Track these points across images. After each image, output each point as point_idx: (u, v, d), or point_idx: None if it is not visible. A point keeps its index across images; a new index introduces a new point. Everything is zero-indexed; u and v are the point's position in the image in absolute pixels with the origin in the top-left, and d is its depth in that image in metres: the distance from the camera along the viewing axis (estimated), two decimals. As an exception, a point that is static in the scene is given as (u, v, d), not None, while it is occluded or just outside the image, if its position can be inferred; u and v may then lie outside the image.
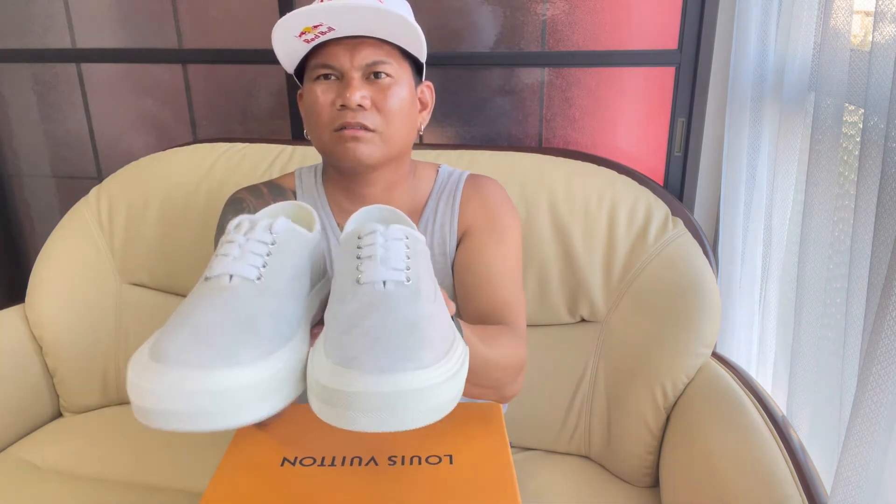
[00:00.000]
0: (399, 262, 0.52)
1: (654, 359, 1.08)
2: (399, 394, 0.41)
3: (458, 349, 0.48)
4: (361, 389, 0.41)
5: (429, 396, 0.42)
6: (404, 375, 0.41)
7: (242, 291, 0.49)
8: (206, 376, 0.41)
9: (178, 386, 0.41)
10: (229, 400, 0.42)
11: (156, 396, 0.41)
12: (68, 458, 1.18)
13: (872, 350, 0.65)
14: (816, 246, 0.91)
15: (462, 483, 0.64)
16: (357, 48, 0.81)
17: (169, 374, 0.41)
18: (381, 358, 0.42)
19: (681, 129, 1.28)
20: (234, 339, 0.45)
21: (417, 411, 0.42)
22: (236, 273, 0.50)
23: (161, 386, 0.41)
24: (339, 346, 0.45)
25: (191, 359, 0.42)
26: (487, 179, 0.95)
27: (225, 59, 1.44)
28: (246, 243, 0.53)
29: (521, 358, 0.77)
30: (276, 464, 0.67)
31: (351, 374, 0.42)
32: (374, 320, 0.46)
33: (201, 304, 0.48)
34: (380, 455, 0.68)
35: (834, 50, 0.86)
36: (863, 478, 0.67)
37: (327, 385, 0.42)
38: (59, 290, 1.30)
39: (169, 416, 0.41)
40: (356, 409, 0.41)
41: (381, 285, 0.49)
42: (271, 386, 0.45)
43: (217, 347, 0.43)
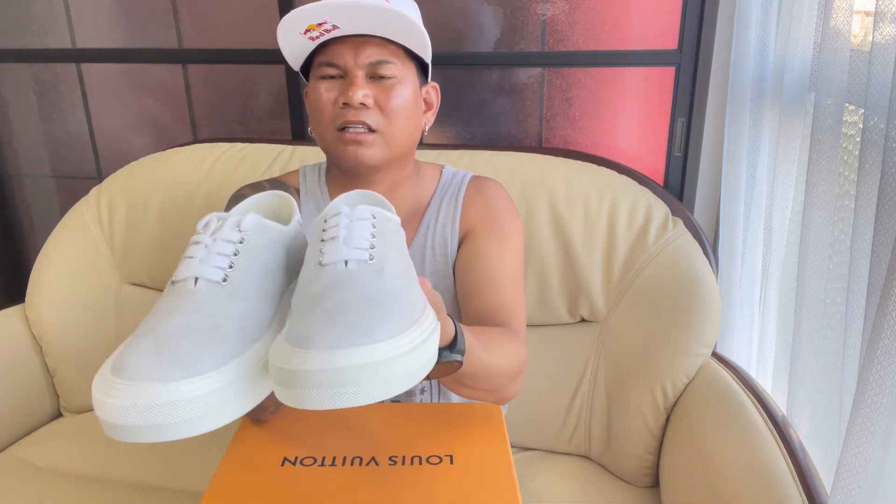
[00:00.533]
0: (363, 241, 0.51)
1: (654, 359, 1.08)
2: (348, 369, 0.40)
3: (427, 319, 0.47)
4: (308, 367, 0.40)
5: (382, 370, 0.41)
6: (355, 350, 0.41)
7: (207, 296, 0.48)
8: (163, 389, 0.41)
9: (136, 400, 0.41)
10: (187, 411, 0.41)
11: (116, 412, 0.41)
12: (68, 458, 1.18)
13: (872, 350, 0.65)
14: (816, 246, 0.91)
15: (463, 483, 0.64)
16: (361, 47, 0.81)
17: (127, 389, 0.41)
18: (334, 335, 0.42)
19: (681, 129, 1.28)
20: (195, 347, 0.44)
21: (371, 386, 0.41)
22: (201, 276, 0.49)
23: (120, 401, 0.41)
24: (298, 326, 0.44)
25: (150, 372, 0.42)
26: (490, 181, 0.95)
27: (225, 59, 1.44)
28: (212, 244, 0.51)
29: (521, 360, 0.77)
30: (276, 463, 0.67)
31: (302, 353, 0.41)
32: (334, 298, 0.45)
33: (166, 312, 0.47)
34: (380, 455, 0.68)
35: (834, 50, 0.86)
36: (863, 478, 0.67)
37: (280, 366, 0.42)
38: (59, 289, 1.30)
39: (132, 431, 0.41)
40: (307, 386, 0.40)
41: (343, 265, 0.48)
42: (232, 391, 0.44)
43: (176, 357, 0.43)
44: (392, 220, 0.56)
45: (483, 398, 0.73)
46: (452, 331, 0.59)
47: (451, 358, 0.59)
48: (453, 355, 0.59)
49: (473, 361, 0.64)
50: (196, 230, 0.54)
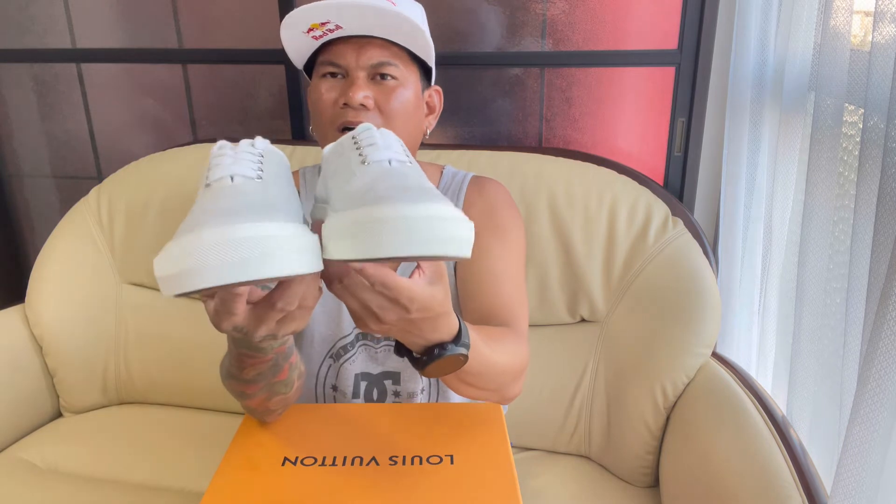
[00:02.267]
0: (399, 152, 0.52)
1: (654, 359, 1.08)
2: (431, 219, 0.43)
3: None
4: (398, 214, 0.42)
5: (456, 227, 0.44)
6: (434, 205, 0.43)
7: (249, 187, 0.49)
8: (251, 226, 0.42)
9: (225, 235, 0.41)
10: (273, 244, 0.42)
11: (198, 251, 0.41)
12: (68, 458, 1.18)
13: (872, 350, 0.66)
14: (816, 246, 0.91)
15: (463, 483, 0.64)
16: (364, 48, 0.81)
17: (210, 232, 0.41)
18: (411, 196, 0.44)
19: (681, 129, 1.28)
20: (261, 210, 0.45)
21: (446, 238, 0.44)
22: (237, 173, 0.50)
23: (203, 241, 0.41)
24: (360, 199, 0.45)
25: (228, 220, 0.42)
26: (491, 181, 0.95)
27: (225, 59, 1.44)
28: (236, 154, 0.53)
29: (523, 360, 0.76)
30: (276, 463, 0.67)
31: (384, 206, 0.43)
32: (390, 181, 0.47)
33: (214, 201, 0.47)
34: (381, 455, 0.68)
35: (834, 50, 0.86)
36: (863, 478, 0.67)
37: (359, 219, 0.43)
38: (59, 290, 1.30)
39: (214, 270, 0.41)
40: (392, 233, 0.42)
41: (388, 163, 0.50)
42: (304, 242, 0.45)
43: (248, 214, 0.43)
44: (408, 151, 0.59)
45: (485, 398, 0.73)
46: (456, 324, 0.59)
47: (457, 351, 0.58)
48: (458, 349, 0.58)
49: (477, 357, 0.64)
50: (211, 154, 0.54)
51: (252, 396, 0.67)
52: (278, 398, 0.69)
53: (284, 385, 0.68)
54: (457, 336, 0.59)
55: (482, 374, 0.67)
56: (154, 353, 1.32)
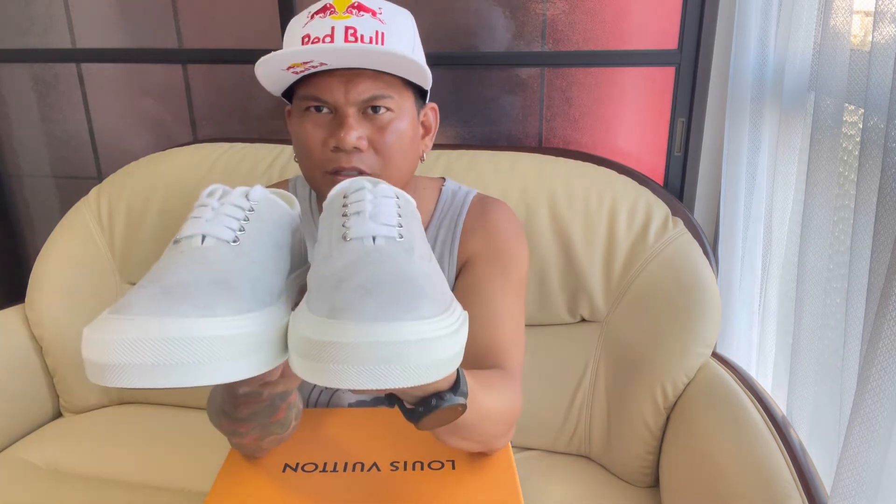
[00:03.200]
0: (390, 218, 0.46)
1: (654, 359, 1.08)
2: (398, 344, 0.35)
3: (458, 309, 0.43)
4: (354, 340, 0.35)
5: (432, 349, 0.37)
6: (404, 325, 0.36)
7: (216, 252, 0.44)
8: (175, 323, 0.36)
9: (145, 333, 0.35)
10: (206, 350, 0.36)
11: (118, 347, 0.35)
12: (68, 458, 1.18)
13: (872, 350, 0.65)
14: (816, 246, 0.91)
15: (465, 488, 0.64)
16: (353, 81, 0.72)
17: (131, 323, 0.36)
18: (375, 307, 0.37)
19: (681, 129, 1.28)
20: (209, 294, 0.40)
21: (418, 365, 0.36)
22: (210, 234, 0.45)
23: (123, 335, 0.35)
24: (326, 300, 0.39)
25: (161, 308, 0.37)
26: (495, 203, 0.87)
27: (225, 59, 1.44)
28: (220, 207, 0.47)
29: (517, 407, 0.70)
30: (277, 469, 0.67)
31: (342, 324, 0.36)
32: (366, 273, 0.41)
33: (171, 266, 0.42)
34: (382, 461, 0.68)
35: (834, 50, 0.86)
36: (863, 478, 0.67)
37: (313, 337, 0.37)
38: (59, 290, 1.30)
39: (134, 370, 0.35)
40: (347, 362, 0.36)
41: (371, 241, 0.44)
42: (249, 343, 0.39)
43: (188, 300, 0.38)
44: (412, 204, 0.52)
45: (473, 449, 0.67)
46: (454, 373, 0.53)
47: (455, 401, 0.52)
48: (457, 398, 0.52)
49: (474, 407, 0.57)
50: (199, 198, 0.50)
51: (244, 435, 0.63)
52: (272, 438, 0.64)
53: (280, 425, 0.63)
54: (455, 384, 0.53)
55: (476, 426, 0.61)
56: (154, 353, 1.31)
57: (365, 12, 0.72)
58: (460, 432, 0.61)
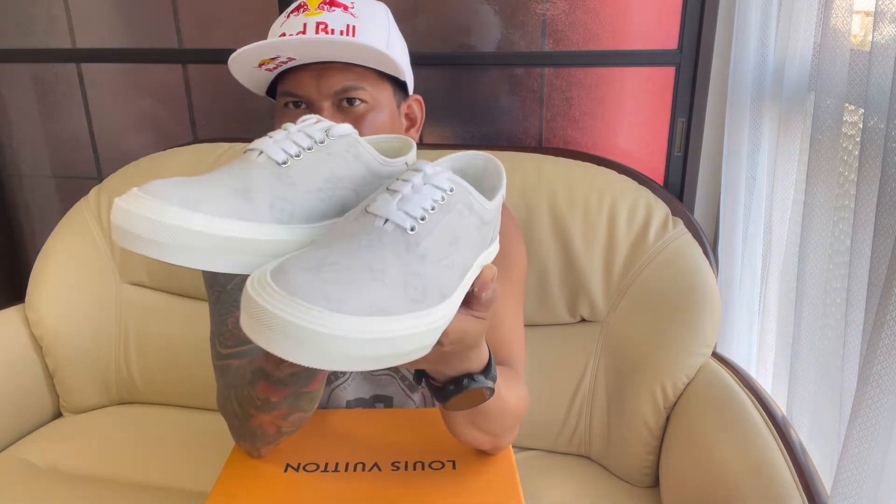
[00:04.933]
0: (416, 208, 0.47)
1: (654, 359, 1.08)
2: (292, 325, 0.38)
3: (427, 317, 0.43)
4: (263, 302, 0.38)
5: (348, 346, 0.38)
6: (321, 314, 0.38)
7: (260, 168, 0.48)
8: (161, 208, 0.42)
9: (135, 209, 0.42)
10: (177, 238, 0.42)
11: (121, 214, 0.43)
12: (68, 458, 1.18)
13: (872, 350, 0.66)
14: (816, 246, 0.91)
15: (466, 488, 0.64)
16: (324, 74, 0.72)
17: (135, 199, 0.43)
18: (304, 283, 0.39)
19: (681, 129, 1.28)
20: (212, 194, 0.44)
21: (333, 357, 0.38)
22: (265, 151, 0.49)
23: (123, 205, 0.43)
24: (295, 256, 0.43)
25: (161, 193, 0.43)
26: None
27: (225, 60, 1.44)
28: (294, 133, 0.51)
29: (526, 404, 0.71)
30: (279, 470, 0.67)
31: (269, 286, 0.39)
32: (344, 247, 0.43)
33: (222, 169, 0.48)
34: (383, 461, 0.68)
35: (834, 50, 0.86)
36: (863, 478, 0.67)
37: (247, 287, 0.40)
38: (59, 290, 1.30)
39: (128, 237, 0.43)
40: (265, 325, 0.38)
41: (382, 222, 0.45)
42: (226, 245, 0.44)
43: (188, 191, 0.44)
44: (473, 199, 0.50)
45: (482, 444, 0.68)
46: (486, 355, 0.55)
47: (486, 384, 0.54)
48: (487, 381, 0.54)
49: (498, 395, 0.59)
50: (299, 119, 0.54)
51: (275, 406, 0.63)
52: (297, 416, 0.65)
53: (310, 399, 0.64)
54: (487, 367, 0.55)
55: (494, 416, 0.63)
56: (154, 353, 1.32)
57: (336, 7, 0.73)
58: (479, 422, 0.62)
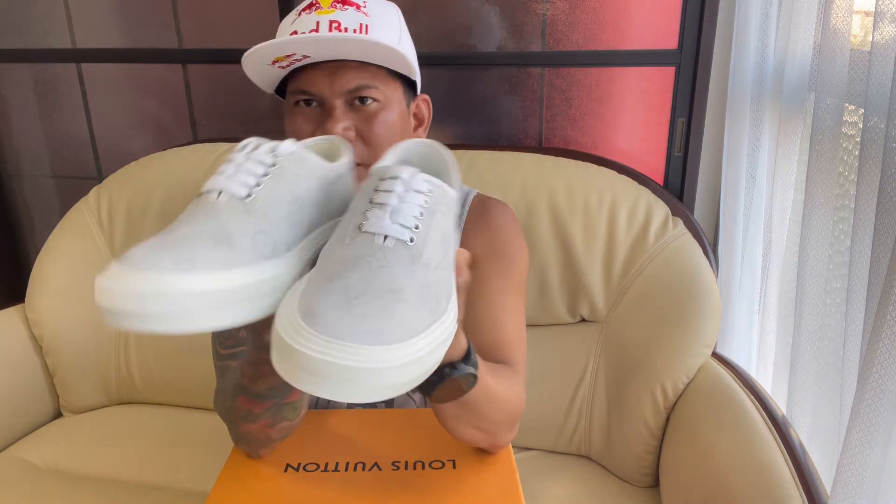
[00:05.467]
0: (408, 217, 0.48)
1: (654, 358, 1.08)
2: (344, 368, 0.38)
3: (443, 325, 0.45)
4: (307, 350, 0.38)
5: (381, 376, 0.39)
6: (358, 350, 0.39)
7: (226, 208, 0.47)
8: (153, 277, 0.41)
9: (124, 286, 0.40)
10: (180, 304, 0.41)
11: (104, 294, 0.41)
12: (68, 458, 1.18)
13: (872, 350, 0.66)
14: (816, 246, 0.91)
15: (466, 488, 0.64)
16: (338, 72, 0.72)
17: (119, 274, 0.41)
18: (344, 324, 0.40)
19: (681, 129, 1.28)
20: (198, 249, 0.43)
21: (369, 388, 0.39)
22: (225, 189, 0.48)
23: (109, 284, 0.41)
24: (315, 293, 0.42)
25: (149, 263, 0.41)
26: (495, 203, 0.87)
27: (225, 59, 1.44)
28: (244, 162, 0.50)
29: (521, 400, 0.71)
30: (279, 470, 0.67)
31: (306, 330, 0.39)
32: (359, 275, 0.43)
33: (183, 218, 0.47)
34: (383, 461, 0.68)
35: (834, 50, 0.86)
36: (863, 478, 0.67)
37: (281, 334, 0.40)
38: (60, 290, 1.30)
39: (124, 316, 0.41)
40: (305, 369, 0.39)
41: (381, 239, 0.46)
42: (229, 298, 0.43)
43: (174, 253, 0.42)
44: (448, 195, 0.53)
45: (478, 440, 0.67)
46: (465, 343, 0.55)
47: (466, 371, 0.53)
48: (468, 367, 0.54)
49: (482, 386, 0.59)
50: (234, 148, 0.53)
51: (257, 418, 0.63)
52: (283, 424, 0.65)
53: (293, 409, 0.64)
54: (466, 354, 0.55)
55: (483, 408, 0.62)
56: (154, 353, 1.32)
57: (349, 6, 0.73)
58: (468, 416, 0.62)
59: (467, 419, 0.63)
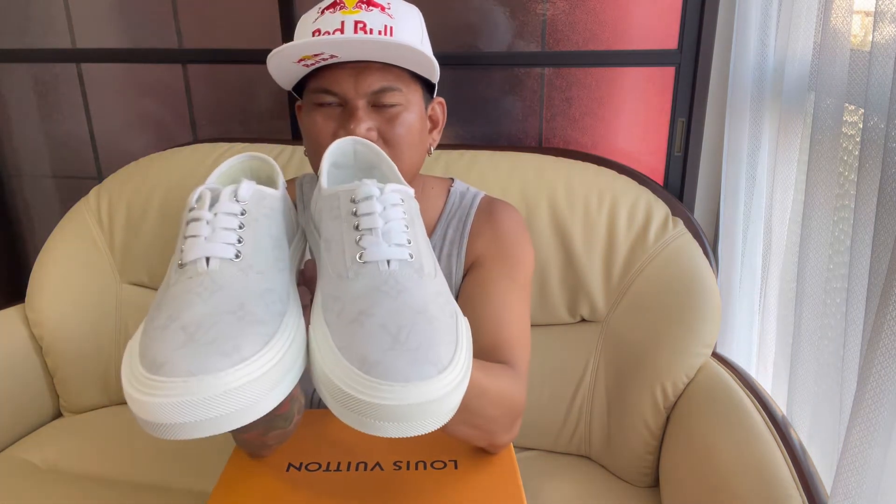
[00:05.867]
0: (400, 235, 0.49)
1: (654, 359, 1.08)
2: (430, 403, 0.40)
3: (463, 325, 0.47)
4: (391, 402, 0.40)
5: (455, 396, 0.42)
6: (431, 383, 0.41)
7: (223, 275, 0.45)
8: (214, 381, 0.39)
9: (187, 397, 0.38)
10: (241, 399, 0.40)
11: (166, 410, 0.38)
12: (68, 458, 1.18)
13: (872, 350, 0.66)
14: (816, 246, 0.91)
15: (467, 488, 0.64)
16: (362, 73, 0.73)
17: (174, 386, 0.39)
18: (406, 364, 0.41)
19: (681, 129, 1.28)
20: (231, 332, 0.42)
21: (446, 412, 0.42)
22: (212, 255, 0.46)
23: (170, 399, 0.38)
24: (352, 339, 0.42)
25: (194, 365, 0.39)
26: (502, 205, 0.88)
27: (225, 59, 1.44)
28: (214, 219, 0.49)
29: (519, 400, 0.71)
30: (281, 469, 0.67)
31: (377, 384, 0.40)
32: (385, 308, 0.44)
33: (183, 297, 0.44)
34: (385, 461, 0.68)
35: (834, 50, 0.86)
36: (863, 478, 0.67)
37: (351, 393, 0.41)
38: (59, 290, 1.30)
39: (184, 427, 0.39)
40: (386, 419, 0.40)
41: (386, 265, 0.47)
42: (279, 371, 0.42)
43: (216, 347, 0.41)
44: (410, 195, 0.54)
45: (476, 440, 0.67)
46: None
47: None
48: None
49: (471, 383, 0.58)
50: (188, 205, 0.51)
51: (249, 429, 0.63)
52: (277, 433, 0.65)
53: (284, 419, 0.64)
54: None
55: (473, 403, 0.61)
56: (154, 353, 1.32)
57: (374, 7, 0.73)
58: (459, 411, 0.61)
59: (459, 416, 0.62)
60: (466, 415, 0.63)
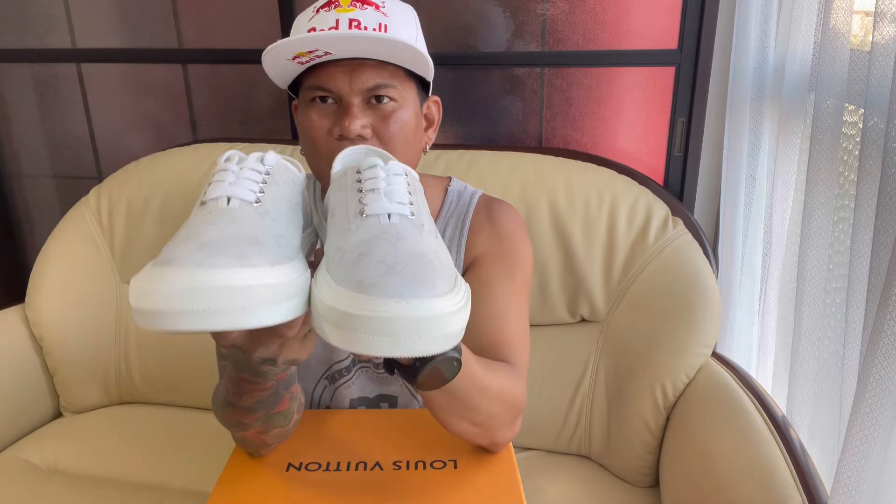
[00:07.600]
0: (402, 196, 0.51)
1: (654, 359, 1.08)
2: (420, 319, 0.41)
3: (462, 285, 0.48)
4: (383, 314, 0.40)
5: (446, 323, 0.42)
6: (423, 302, 0.41)
7: (242, 212, 0.48)
8: (220, 274, 0.40)
9: (191, 283, 0.39)
10: (245, 297, 0.40)
11: (166, 295, 0.39)
12: (68, 458, 1.18)
13: (872, 350, 0.66)
14: (816, 246, 0.91)
15: (467, 487, 0.64)
16: (357, 71, 0.73)
17: (180, 273, 0.40)
18: (398, 284, 0.42)
19: (681, 129, 1.28)
20: (243, 247, 0.43)
21: (436, 337, 0.42)
22: (234, 195, 0.49)
23: (172, 285, 0.39)
24: (350, 273, 0.44)
25: (203, 260, 0.41)
26: (501, 204, 0.88)
27: (225, 59, 1.44)
28: (240, 171, 0.51)
29: (520, 397, 0.71)
30: (280, 469, 0.67)
31: (371, 299, 0.41)
32: (384, 249, 0.45)
33: (203, 225, 0.46)
34: (384, 460, 0.68)
35: (834, 50, 0.86)
36: (863, 478, 0.67)
37: (345, 310, 0.41)
38: (59, 290, 1.30)
39: (181, 316, 0.39)
40: (376, 333, 0.41)
41: (387, 218, 0.49)
42: (283, 291, 0.43)
43: (227, 251, 0.42)
44: (416, 178, 0.56)
45: (473, 436, 0.67)
46: None
47: (449, 355, 0.53)
48: (451, 352, 0.53)
49: (469, 375, 0.59)
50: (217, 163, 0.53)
51: (249, 427, 0.64)
52: (276, 431, 0.66)
53: (284, 417, 0.65)
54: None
55: (473, 399, 0.62)
56: (154, 352, 1.32)
57: (368, 5, 0.74)
58: (459, 407, 0.62)
59: (459, 412, 0.63)
60: (467, 412, 0.63)
